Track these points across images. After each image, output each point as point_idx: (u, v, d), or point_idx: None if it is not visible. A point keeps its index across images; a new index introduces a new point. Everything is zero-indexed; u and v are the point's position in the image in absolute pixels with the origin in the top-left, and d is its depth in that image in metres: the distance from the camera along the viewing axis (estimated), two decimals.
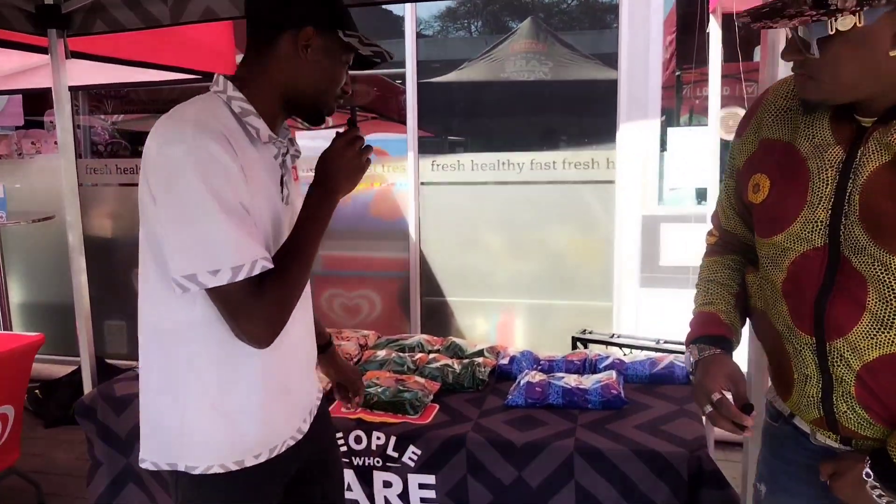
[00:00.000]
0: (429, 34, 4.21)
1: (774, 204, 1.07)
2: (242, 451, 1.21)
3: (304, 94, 1.21)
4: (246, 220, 1.08)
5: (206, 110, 1.12)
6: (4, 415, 2.59)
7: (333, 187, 1.21)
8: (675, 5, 3.69)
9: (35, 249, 4.45)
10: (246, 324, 1.10)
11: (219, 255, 1.05)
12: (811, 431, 1.14)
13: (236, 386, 1.19)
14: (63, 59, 2.37)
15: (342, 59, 1.22)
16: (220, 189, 1.05)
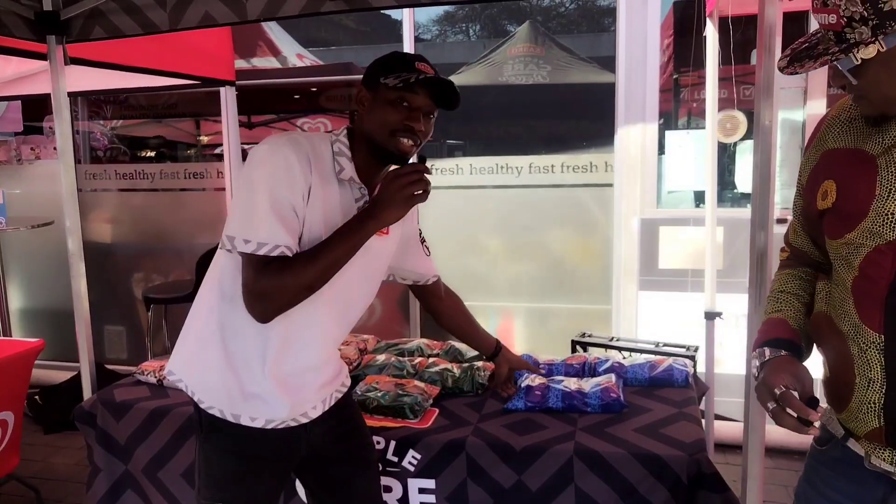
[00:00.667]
0: (427, 38, 4.22)
1: (844, 203, 1.08)
2: (240, 408, 1.43)
3: (371, 139, 1.40)
4: (290, 218, 1.31)
5: (309, 138, 1.39)
6: (4, 420, 2.59)
7: (373, 213, 1.34)
8: (672, 9, 3.71)
9: (34, 255, 4.46)
10: (247, 294, 1.32)
11: (255, 229, 1.28)
12: (866, 454, 1.12)
13: (244, 351, 1.40)
14: (62, 65, 2.38)
15: (390, 101, 1.37)
16: (277, 186, 1.29)
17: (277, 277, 1.29)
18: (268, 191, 1.29)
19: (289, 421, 1.48)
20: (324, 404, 1.56)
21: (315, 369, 1.52)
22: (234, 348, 1.42)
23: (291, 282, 1.30)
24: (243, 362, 1.42)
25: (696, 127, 3.73)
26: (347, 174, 1.40)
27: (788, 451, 3.18)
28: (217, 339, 1.43)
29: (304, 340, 1.46)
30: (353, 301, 1.55)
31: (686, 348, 2.75)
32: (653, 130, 3.51)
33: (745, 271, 1.89)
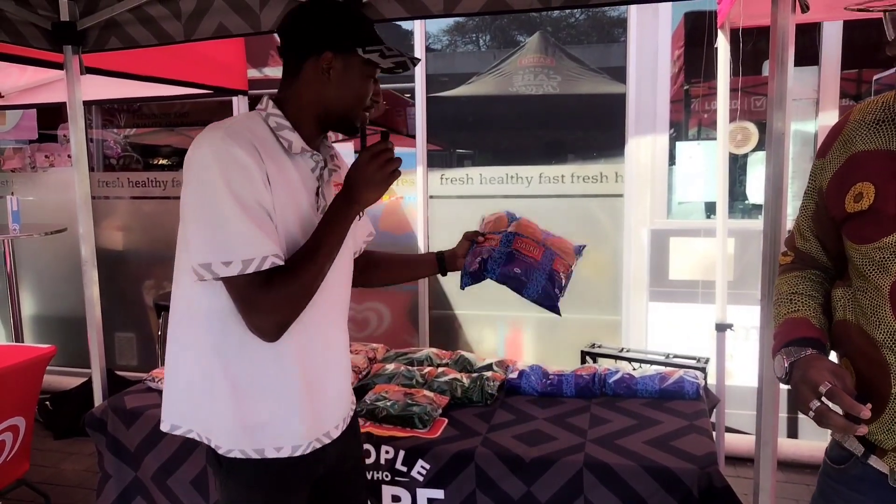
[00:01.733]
0: (437, 48, 4.24)
1: (883, 206, 1.05)
2: (261, 440, 1.29)
3: (334, 111, 1.30)
4: (263, 219, 1.17)
5: (241, 122, 1.24)
6: (15, 426, 2.61)
7: (355, 197, 1.26)
8: (682, 20, 3.71)
9: (47, 262, 4.50)
10: (253, 315, 1.19)
11: (232, 247, 1.14)
12: (890, 471, 1.08)
13: (257, 378, 1.27)
14: (78, 74, 2.41)
15: (366, 74, 1.30)
16: (239, 188, 1.14)
17: (278, 291, 1.17)
18: (231, 198, 1.14)
19: (314, 443, 1.36)
20: (344, 423, 1.46)
21: (336, 369, 1.42)
22: (244, 378, 1.27)
23: (295, 290, 1.19)
24: (259, 389, 1.28)
25: (706, 138, 3.72)
26: (298, 146, 1.28)
27: (801, 464, 3.15)
28: (220, 376, 1.26)
29: (318, 339, 1.35)
30: (342, 284, 1.44)
31: (697, 360, 2.74)
32: (663, 141, 3.51)
33: (756, 283, 1.88)
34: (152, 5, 2.28)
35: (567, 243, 1.79)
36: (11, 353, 2.69)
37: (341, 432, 1.44)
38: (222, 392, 1.27)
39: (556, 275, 1.69)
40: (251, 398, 1.28)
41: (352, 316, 4.04)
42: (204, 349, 1.27)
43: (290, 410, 1.31)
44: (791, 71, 1.76)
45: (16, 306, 4.06)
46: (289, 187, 1.25)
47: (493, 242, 1.71)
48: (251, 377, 1.27)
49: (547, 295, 1.67)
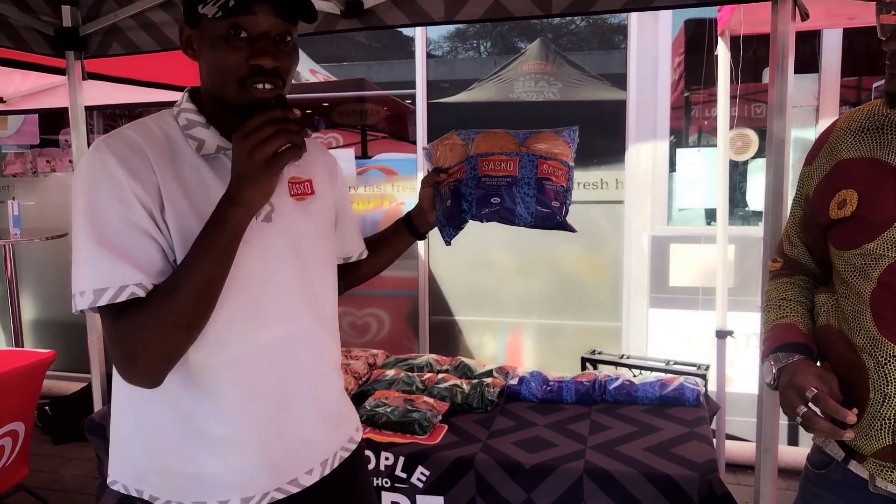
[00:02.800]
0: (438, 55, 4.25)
1: (866, 213, 1.06)
2: (203, 492, 1.08)
3: (214, 93, 1.06)
4: (129, 242, 0.96)
5: (141, 123, 1.06)
6: (15, 431, 2.61)
7: (233, 195, 0.96)
8: (683, 27, 3.72)
9: (48, 267, 4.50)
10: (113, 358, 0.97)
11: (84, 275, 0.96)
12: (871, 475, 1.09)
13: (200, 417, 1.06)
14: (80, 80, 2.42)
15: (221, 36, 0.99)
16: (100, 206, 0.96)
17: (137, 326, 0.94)
18: (88, 218, 0.95)
19: (273, 492, 1.11)
20: (323, 468, 1.19)
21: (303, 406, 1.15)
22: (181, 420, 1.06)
23: (158, 326, 0.94)
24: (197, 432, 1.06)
25: (706, 145, 3.73)
26: (212, 146, 1.05)
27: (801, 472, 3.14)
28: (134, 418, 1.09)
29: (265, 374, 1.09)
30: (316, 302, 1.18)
31: (697, 367, 2.73)
32: (664, 148, 3.51)
33: (756, 289, 1.89)
34: (154, 11, 2.29)
35: (552, 136, 1.40)
36: (11, 357, 2.69)
37: (322, 477, 1.19)
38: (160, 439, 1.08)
39: (547, 182, 1.33)
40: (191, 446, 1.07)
41: (352, 322, 4.05)
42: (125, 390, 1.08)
43: (232, 458, 1.08)
44: (791, 78, 1.77)
45: (16, 311, 4.06)
46: (196, 197, 1.02)
47: (457, 175, 1.38)
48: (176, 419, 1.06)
49: (545, 214, 1.33)
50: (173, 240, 1.00)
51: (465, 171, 1.37)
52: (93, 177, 0.97)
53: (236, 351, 1.06)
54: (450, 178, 1.38)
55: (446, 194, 1.37)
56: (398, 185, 3.89)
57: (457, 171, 1.38)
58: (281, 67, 1.02)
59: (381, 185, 3.92)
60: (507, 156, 1.36)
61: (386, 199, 3.90)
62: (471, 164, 1.37)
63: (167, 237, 1.00)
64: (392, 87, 4.36)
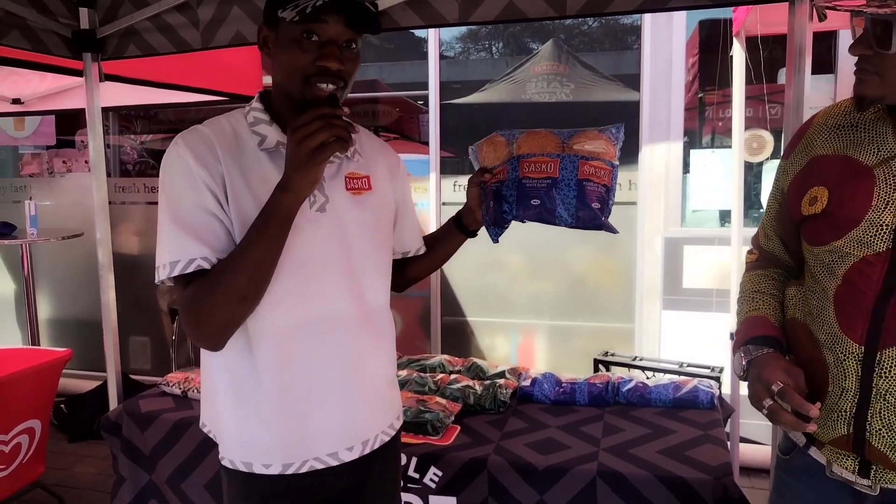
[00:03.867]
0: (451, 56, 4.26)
1: (836, 210, 1.06)
2: (251, 454, 1.21)
3: (284, 90, 1.17)
4: (199, 222, 1.10)
5: (213, 121, 1.19)
6: (31, 428, 2.63)
7: (284, 183, 1.06)
8: (697, 27, 3.70)
9: (64, 266, 4.55)
10: (184, 322, 1.12)
11: (162, 251, 1.12)
12: (828, 462, 1.12)
13: (252, 383, 1.19)
14: (97, 81, 2.44)
15: (294, 38, 1.11)
16: (179, 191, 1.11)
17: (200, 295, 1.08)
18: (167, 202, 1.12)
19: (311, 461, 1.22)
20: (364, 447, 1.28)
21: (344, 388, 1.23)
22: (234, 390, 1.21)
23: (217, 296, 1.07)
24: (248, 402, 1.20)
25: (720, 146, 3.71)
26: (272, 141, 1.17)
27: None
28: (220, 384, 1.23)
29: (308, 353, 1.20)
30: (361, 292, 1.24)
31: (711, 369, 2.72)
32: (677, 149, 3.50)
33: None
34: (171, 14, 2.31)
35: (597, 135, 1.37)
36: (28, 356, 2.72)
37: (361, 456, 1.27)
38: (221, 399, 1.23)
39: (588, 184, 1.32)
40: (241, 410, 1.20)
41: None
42: (213, 359, 1.23)
43: (277, 424, 1.20)
44: (808, 78, 1.75)
45: (32, 310, 4.10)
46: (257, 187, 1.13)
47: (500, 176, 1.38)
48: (240, 389, 1.20)
49: (586, 216, 1.32)
50: (234, 222, 1.13)
51: (506, 172, 1.38)
52: (170, 167, 1.13)
53: (283, 325, 1.17)
54: (493, 179, 1.39)
55: (489, 195, 1.39)
56: (411, 185, 3.89)
57: (500, 171, 1.39)
58: (344, 71, 1.13)
59: None
60: (549, 157, 1.36)
61: None
62: (512, 165, 1.38)
63: (230, 219, 1.13)
64: (404, 88, 4.37)
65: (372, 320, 1.28)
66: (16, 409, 2.55)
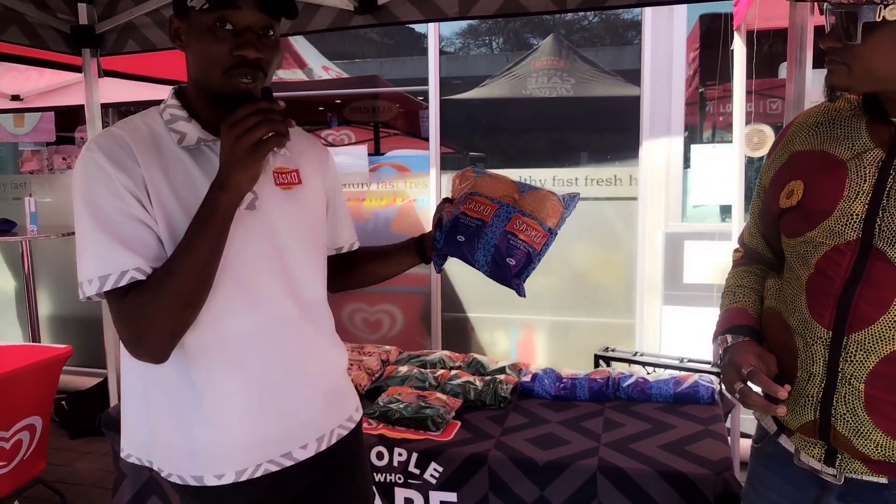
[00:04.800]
0: (450, 51, 4.25)
1: (809, 202, 1.10)
2: (200, 465, 1.14)
3: (201, 84, 1.11)
4: (125, 230, 1.04)
5: (128, 121, 1.13)
6: (32, 425, 2.64)
7: (221, 180, 1.03)
8: (698, 21, 3.69)
9: (64, 263, 4.54)
10: (122, 337, 1.06)
11: (89, 263, 1.04)
12: (796, 450, 1.15)
13: (195, 394, 1.13)
14: (96, 77, 2.44)
15: (208, 27, 1.05)
16: (98, 198, 1.04)
17: (141, 306, 1.03)
18: (87, 212, 1.04)
19: (265, 464, 1.18)
20: (319, 443, 1.25)
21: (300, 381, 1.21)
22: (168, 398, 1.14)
23: (160, 304, 1.02)
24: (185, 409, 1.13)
25: (721, 141, 3.70)
26: (193, 138, 1.11)
27: None
28: (155, 394, 1.15)
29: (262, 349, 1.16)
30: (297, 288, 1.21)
31: (711, 364, 2.71)
32: (678, 144, 3.49)
33: None
34: (169, 8, 2.30)
35: (547, 196, 1.37)
36: (28, 352, 2.72)
37: (318, 452, 1.25)
38: (157, 414, 1.16)
39: (511, 238, 1.30)
40: (184, 422, 1.13)
41: (364, 318, 4.06)
42: (133, 369, 1.17)
43: (225, 431, 1.14)
44: (809, 72, 1.75)
45: (33, 306, 4.11)
46: (181, 187, 1.08)
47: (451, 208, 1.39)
48: (181, 401, 1.13)
49: (497, 266, 1.31)
50: (160, 226, 1.07)
51: (456, 206, 1.37)
52: (86, 174, 1.05)
53: (225, 331, 1.13)
54: (450, 209, 1.38)
55: (437, 223, 1.39)
56: (410, 181, 3.89)
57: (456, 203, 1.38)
58: (263, 59, 1.06)
59: (393, 181, 3.92)
60: (491, 201, 1.34)
61: (398, 196, 3.91)
62: (462, 199, 1.36)
63: (156, 224, 1.07)
64: (404, 84, 4.37)
65: (312, 317, 1.25)
66: (17, 406, 2.55)
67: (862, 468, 1.06)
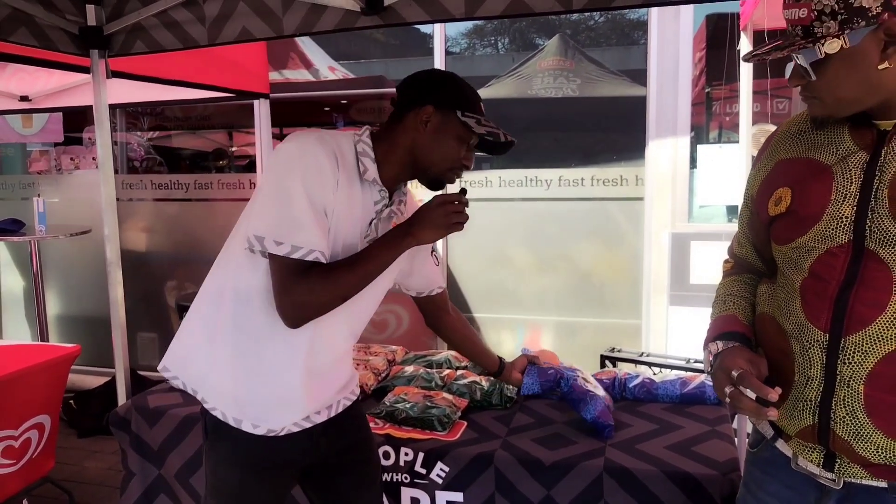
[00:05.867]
0: (456, 51, 4.25)
1: (798, 208, 1.11)
2: (242, 412, 1.40)
3: (422, 161, 1.40)
4: (321, 218, 1.28)
5: (334, 136, 1.36)
6: (41, 424, 2.65)
7: (412, 230, 1.35)
8: (704, 21, 3.68)
9: (72, 263, 4.57)
10: (285, 299, 1.28)
11: (288, 230, 1.25)
12: (794, 454, 1.15)
13: (261, 360, 1.38)
14: (104, 78, 2.45)
15: (459, 136, 1.38)
16: (312, 185, 1.26)
17: (315, 284, 1.27)
18: (303, 191, 1.26)
19: (290, 426, 1.45)
20: (329, 411, 1.53)
21: (324, 376, 1.48)
22: (249, 357, 1.39)
23: (329, 290, 1.29)
24: (259, 371, 1.39)
25: (727, 141, 3.69)
26: (371, 175, 1.37)
27: None
28: (229, 339, 1.39)
29: (328, 343, 1.44)
30: (362, 311, 1.53)
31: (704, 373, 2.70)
32: (684, 144, 3.48)
33: None
34: (177, 10, 2.32)
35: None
36: (37, 352, 2.73)
37: (328, 419, 1.51)
38: (224, 352, 1.39)
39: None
40: (248, 377, 1.39)
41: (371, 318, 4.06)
42: (225, 311, 1.38)
43: (282, 399, 1.41)
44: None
45: (41, 306, 4.13)
46: (349, 207, 1.34)
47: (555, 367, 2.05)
48: (256, 358, 1.38)
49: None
50: (330, 231, 1.32)
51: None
52: (307, 163, 1.27)
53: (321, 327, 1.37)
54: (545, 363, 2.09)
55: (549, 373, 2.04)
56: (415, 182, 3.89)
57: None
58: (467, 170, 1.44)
59: None
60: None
61: None
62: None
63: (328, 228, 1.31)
64: None
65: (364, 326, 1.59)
66: (25, 405, 2.57)
67: (861, 472, 1.06)
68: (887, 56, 0.98)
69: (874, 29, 0.97)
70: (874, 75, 1.00)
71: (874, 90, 1.02)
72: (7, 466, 2.53)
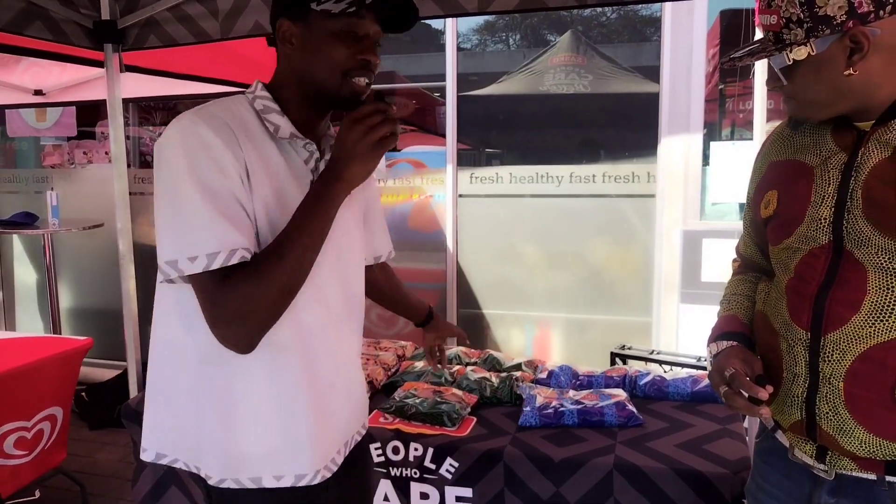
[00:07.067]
0: (467, 47, 4.24)
1: (783, 211, 1.15)
2: (259, 467, 1.14)
3: (316, 83, 1.14)
4: (231, 208, 1.03)
5: (219, 104, 1.12)
6: (53, 416, 2.68)
7: (338, 172, 1.06)
8: (718, 17, 3.65)
9: (84, 256, 4.60)
10: (218, 321, 1.02)
11: (196, 240, 1.01)
12: (790, 445, 1.18)
13: (253, 395, 1.12)
14: (118, 72, 2.46)
15: (332, 32, 1.10)
16: (205, 173, 1.02)
17: (245, 290, 1.01)
18: (194, 184, 1.01)
19: (322, 471, 1.19)
20: (346, 448, 1.29)
21: (344, 384, 1.26)
22: (237, 396, 1.12)
23: (265, 290, 1.01)
24: (256, 409, 1.13)
25: (741, 138, 3.66)
26: (286, 131, 1.13)
27: None
28: (208, 392, 1.13)
29: (326, 347, 1.20)
30: (357, 284, 1.29)
31: None
32: (697, 141, 3.46)
33: None
34: (190, 4, 2.32)
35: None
36: (49, 344, 2.76)
37: (343, 458, 1.28)
38: (212, 411, 1.13)
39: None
40: (246, 419, 1.13)
41: (380, 314, 4.07)
42: (189, 362, 1.13)
43: (293, 434, 1.15)
44: None
45: (54, 299, 4.16)
46: (273, 177, 1.10)
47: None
48: (246, 394, 1.12)
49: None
50: (258, 212, 1.07)
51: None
52: (188, 146, 1.03)
53: (300, 325, 1.14)
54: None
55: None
56: (427, 177, 3.89)
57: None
58: (376, 65, 1.15)
59: (410, 177, 3.93)
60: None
61: (415, 192, 3.91)
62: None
63: (252, 212, 1.07)
64: (421, 80, 4.36)
65: (356, 323, 1.31)
66: (38, 397, 2.59)
67: (851, 465, 1.08)
68: (853, 63, 1.00)
69: (840, 36, 0.99)
70: (842, 81, 1.02)
71: (843, 95, 1.04)
72: (20, 457, 2.55)
